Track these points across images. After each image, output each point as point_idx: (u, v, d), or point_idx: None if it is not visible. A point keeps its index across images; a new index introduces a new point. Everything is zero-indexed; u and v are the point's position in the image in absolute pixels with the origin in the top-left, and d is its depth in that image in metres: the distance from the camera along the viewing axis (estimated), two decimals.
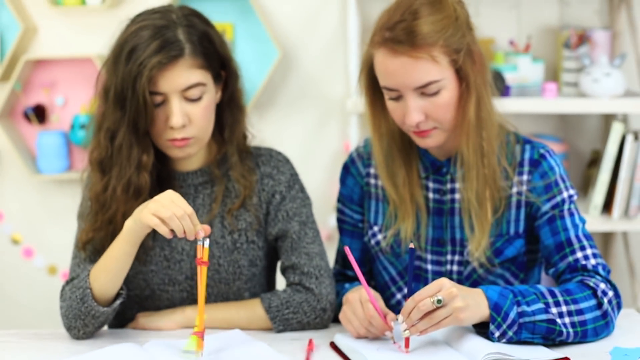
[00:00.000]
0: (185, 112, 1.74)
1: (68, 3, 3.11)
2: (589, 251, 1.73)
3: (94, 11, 3.15)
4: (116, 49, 1.76)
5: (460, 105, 1.73)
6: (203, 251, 1.60)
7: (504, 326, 1.57)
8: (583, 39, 2.96)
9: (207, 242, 1.61)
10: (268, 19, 3.10)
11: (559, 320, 1.60)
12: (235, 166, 1.85)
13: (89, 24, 3.17)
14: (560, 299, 1.62)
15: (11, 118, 3.24)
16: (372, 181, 1.90)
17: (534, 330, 1.59)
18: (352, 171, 1.92)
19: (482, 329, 1.61)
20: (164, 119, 1.74)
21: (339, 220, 1.95)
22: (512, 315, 1.57)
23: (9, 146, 3.19)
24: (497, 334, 1.57)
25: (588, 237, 1.76)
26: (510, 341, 1.59)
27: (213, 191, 1.85)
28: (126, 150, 1.76)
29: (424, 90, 1.68)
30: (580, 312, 1.62)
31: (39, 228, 3.30)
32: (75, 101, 3.17)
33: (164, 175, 1.84)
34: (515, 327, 1.57)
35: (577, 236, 1.75)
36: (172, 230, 1.62)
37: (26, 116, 3.20)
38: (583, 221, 1.78)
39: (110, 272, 1.70)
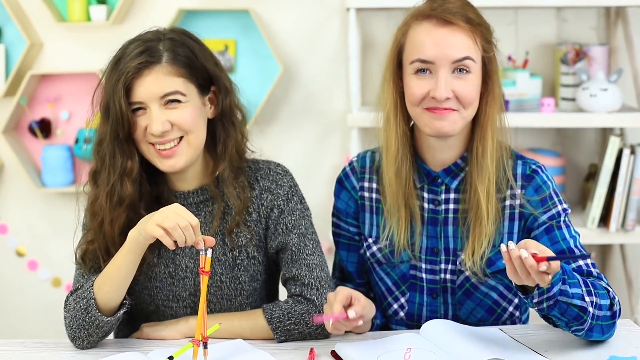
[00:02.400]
0: (166, 119, 1.76)
1: (73, 19, 3.14)
2: (589, 261, 1.77)
3: (99, 27, 3.17)
4: (108, 65, 1.81)
5: (481, 101, 1.79)
6: (205, 260, 1.63)
7: (544, 296, 1.58)
8: (580, 54, 2.99)
9: (209, 252, 1.63)
10: (270, 35, 3.13)
11: (589, 309, 1.62)
12: (227, 183, 1.86)
13: (94, 40, 3.20)
14: (592, 289, 1.65)
15: (16, 132, 3.25)
16: (366, 194, 1.92)
17: (565, 312, 1.61)
18: (346, 185, 1.94)
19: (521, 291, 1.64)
20: (145, 128, 1.77)
21: (335, 234, 1.97)
22: (555, 289, 1.58)
23: (14, 160, 3.21)
24: (535, 300, 1.59)
25: (584, 249, 1.80)
26: (540, 312, 1.62)
27: (214, 209, 1.87)
28: (109, 159, 1.78)
29: (457, 65, 1.74)
30: (600, 307, 1.65)
31: (43, 241, 3.31)
32: (80, 115, 3.19)
33: (164, 196, 1.86)
34: (551, 302, 1.59)
35: (576, 246, 1.78)
36: (175, 242, 1.65)
37: (31, 130, 3.21)
38: (577, 234, 1.81)
39: (113, 282, 1.73)
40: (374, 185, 1.91)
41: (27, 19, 3.20)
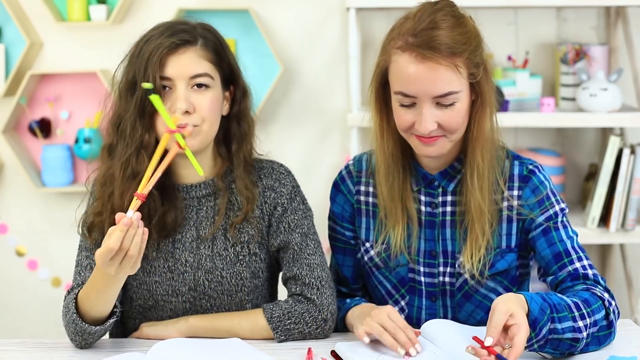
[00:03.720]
0: (191, 101, 1.78)
1: (73, 19, 3.16)
2: (585, 262, 1.77)
3: (99, 27, 3.19)
4: (130, 52, 1.83)
5: (470, 118, 1.76)
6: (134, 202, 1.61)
7: (534, 340, 1.58)
8: (580, 54, 3.00)
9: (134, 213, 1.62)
10: (270, 35, 3.14)
11: (582, 335, 1.62)
12: (240, 179, 1.88)
13: (94, 39, 3.21)
14: (584, 311, 1.64)
15: (16, 132, 3.27)
16: (362, 198, 1.92)
17: (557, 346, 1.61)
18: (342, 189, 1.94)
19: None
20: (169, 106, 1.77)
21: (331, 238, 1.97)
22: (544, 331, 1.58)
23: (14, 159, 3.22)
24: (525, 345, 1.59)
25: (582, 249, 1.80)
26: (532, 351, 1.62)
27: (216, 204, 1.88)
28: (130, 131, 1.79)
29: (440, 100, 1.70)
30: (595, 323, 1.65)
31: (43, 240, 3.32)
32: (80, 115, 3.20)
33: (169, 187, 1.87)
34: (542, 342, 1.59)
35: (573, 247, 1.78)
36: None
37: (31, 130, 3.23)
38: (575, 234, 1.81)
39: (92, 301, 1.73)
40: (370, 189, 1.91)
41: (27, 19, 3.21)
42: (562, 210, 1.81)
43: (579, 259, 1.77)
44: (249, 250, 1.87)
